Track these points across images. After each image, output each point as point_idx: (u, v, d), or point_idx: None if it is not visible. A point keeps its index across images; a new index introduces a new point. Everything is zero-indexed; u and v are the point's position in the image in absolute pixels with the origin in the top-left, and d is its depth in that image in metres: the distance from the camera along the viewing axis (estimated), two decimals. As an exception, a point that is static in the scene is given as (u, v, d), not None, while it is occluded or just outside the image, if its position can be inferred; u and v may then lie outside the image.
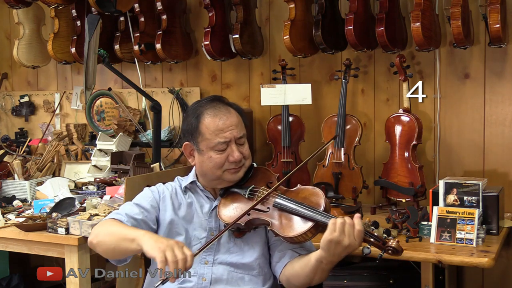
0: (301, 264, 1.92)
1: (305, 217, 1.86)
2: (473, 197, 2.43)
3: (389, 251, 1.79)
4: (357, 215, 1.80)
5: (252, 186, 2.03)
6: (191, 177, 2.13)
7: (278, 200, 1.94)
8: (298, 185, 2.03)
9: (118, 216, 2.01)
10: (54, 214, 2.69)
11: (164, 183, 2.17)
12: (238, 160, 1.99)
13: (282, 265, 1.99)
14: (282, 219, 1.91)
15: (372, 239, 1.80)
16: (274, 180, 2.05)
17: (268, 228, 1.92)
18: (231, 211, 1.98)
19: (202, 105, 2.04)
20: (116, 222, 1.97)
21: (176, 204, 2.08)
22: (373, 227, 2.50)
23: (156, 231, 2.07)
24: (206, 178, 2.07)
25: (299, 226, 1.86)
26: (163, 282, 1.72)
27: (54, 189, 3.16)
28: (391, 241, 1.80)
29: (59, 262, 2.84)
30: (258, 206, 1.95)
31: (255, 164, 2.12)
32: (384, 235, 1.80)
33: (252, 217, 1.94)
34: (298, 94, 2.99)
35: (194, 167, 2.14)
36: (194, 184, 2.12)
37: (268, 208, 1.94)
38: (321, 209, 1.87)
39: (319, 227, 1.85)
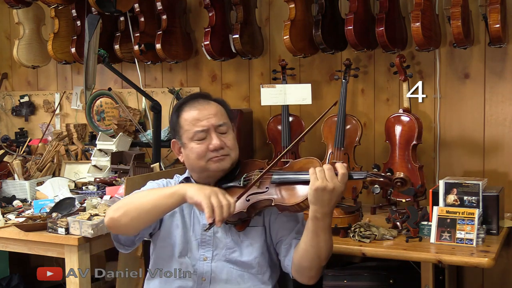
0: (303, 239, 1.90)
1: (306, 182, 1.84)
2: (473, 197, 2.43)
3: (398, 183, 1.83)
4: (338, 163, 1.83)
5: (245, 174, 2.02)
6: (186, 173, 2.16)
7: (275, 176, 1.93)
8: (290, 161, 2.02)
9: None
10: (54, 214, 2.69)
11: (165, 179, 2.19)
12: (218, 147, 1.98)
13: (291, 256, 1.96)
14: (283, 191, 1.90)
15: (380, 179, 1.84)
16: (264, 166, 2.03)
17: (272, 204, 1.90)
18: None
19: (182, 102, 2.08)
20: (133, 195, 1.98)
21: None
22: (375, 169, 2.47)
23: (160, 222, 2.07)
24: (195, 172, 2.08)
25: (303, 191, 1.86)
26: (210, 226, 1.79)
27: (54, 189, 3.16)
28: (397, 173, 1.85)
29: (59, 262, 2.84)
30: (256, 189, 1.94)
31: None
32: (388, 173, 1.85)
33: (252, 201, 1.92)
34: (298, 94, 2.99)
35: None
36: (188, 181, 2.13)
37: (266, 188, 1.93)
38: None
39: None
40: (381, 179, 1.83)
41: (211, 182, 2.05)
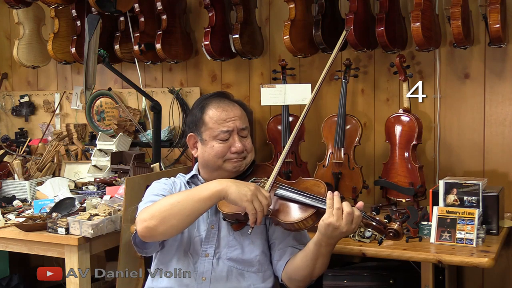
0: (301, 255, 1.94)
1: (307, 204, 1.89)
2: (473, 197, 2.43)
3: (391, 234, 1.82)
4: (359, 203, 1.85)
5: (254, 178, 2.06)
6: (193, 171, 2.18)
7: (280, 191, 1.97)
8: (300, 177, 2.07)
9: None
10: (54, 214, 2.69)
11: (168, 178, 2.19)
12: (240, 150, 2.02)
13: (284, 263, 2.01)
14: (283, 207, 1.93)
15: (374, 223, 1.84)
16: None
17: (269, 216, 1.93)
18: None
19: (206, 99, 2.12)
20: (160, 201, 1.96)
21: None
22: (374, 213, 2.50)
23: None
24: (208, 169, 2.09)
25: (300, 212, 1.89)
26: (253, 229, 1.85)
27: (54, 189, 3.16)
28: (392, 223, 1.84)
29: (59, 262, 2.84)
30: None
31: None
32: (385, 220, 1.86)
33: None
34: (298, 94, 2.99)
35: (196, 164, 2.18)
36: (195, 178, 2.15)
37: None
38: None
39: (320, 215, 1.88)
40: (374, 224, 1.84)
41: None
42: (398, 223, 1.84)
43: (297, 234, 2.04)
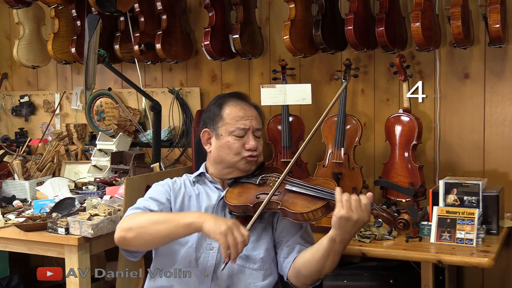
0: (312, 251, 1.95)
1: (317, 197, 1.92)
2: (473, 197, 2.43)
3: (401, 224, 1.85)
4: (368, 194, 1.86)
5: (263, 175, 2.09)
6: (200, 169, 2.20)
7: (291, 185, 1.99)
8: (309, 177, 2.09)
9: (138, 211, 2.03)
10: (54, 214, 2.69)
11: (171, 178, 2.20)
12: (254, 148, 2.07)
13: (292, 259, 2.01)
14: (293, 199, 1.96)
15: (384, 214, 1.87)
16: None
17: (278, 207, 1.95)
18: (239, 195, 2.03)
19: (225, 97, 2.18)
20: (145, 212, 2.00)
21: (186, 196, 2.12)
22: (384, 206, 2.50)
23: None
24: (220, 165, 2.12)
25: (310, 204, 1.91)
26: (226, 264, 1.83)
27: (54, 189, 3.16)
28: (403, 214, 1.87)
29: (59, 262, 2.84)
30: (269, 190, 1.99)
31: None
32: (395, 213, 1.90)
33: (261, 199, 1.98)
34: (298, 94, 2.99)
35: (204, 163, 2.20)
36: (202, 176, 2.18)
37: (279, 192, 1.99)
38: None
39: (329, 208, 1.90)
40: (385, 215, 1.87)
41: (230, 177, 2.11)
42: (407, 215, 1.87)
43: (304, 233, 2.05)
